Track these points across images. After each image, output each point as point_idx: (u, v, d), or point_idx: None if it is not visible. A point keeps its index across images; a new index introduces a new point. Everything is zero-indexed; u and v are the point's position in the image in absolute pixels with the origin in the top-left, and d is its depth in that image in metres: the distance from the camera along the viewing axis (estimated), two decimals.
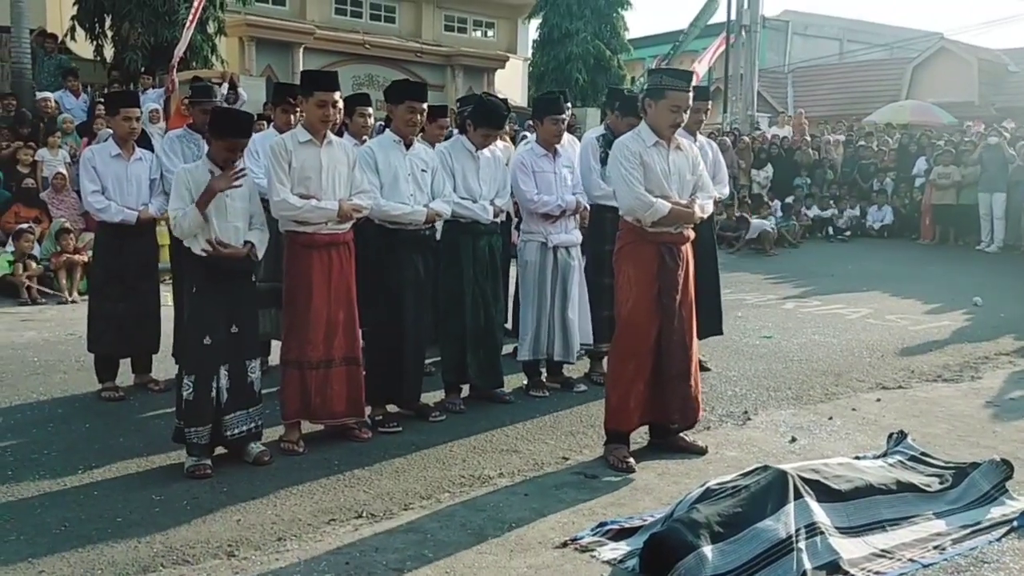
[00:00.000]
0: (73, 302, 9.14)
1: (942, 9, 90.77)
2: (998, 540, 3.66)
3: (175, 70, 12.23)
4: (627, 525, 3.74)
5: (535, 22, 25.21)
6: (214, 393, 4.44)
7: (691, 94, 4.56)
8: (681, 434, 4.80)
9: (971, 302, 9.47)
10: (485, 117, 5.49)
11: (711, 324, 6.45)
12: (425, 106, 5.25)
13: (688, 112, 4.59)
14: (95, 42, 15.75)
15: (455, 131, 6.49)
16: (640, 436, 4.86)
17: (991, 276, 11.56)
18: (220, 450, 4.55)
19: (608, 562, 3.46)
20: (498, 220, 5.66)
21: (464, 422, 5.25)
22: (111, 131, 6.12)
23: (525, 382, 5.95)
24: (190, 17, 12.72)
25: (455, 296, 5.48)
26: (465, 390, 5.65)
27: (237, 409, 4.51)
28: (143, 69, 14.45)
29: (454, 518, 3.88)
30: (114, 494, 4.13)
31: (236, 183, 4.49)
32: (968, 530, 3.72)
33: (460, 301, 5.46)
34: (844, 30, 33.27)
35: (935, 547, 3.57)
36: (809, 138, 17.95)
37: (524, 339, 5.81)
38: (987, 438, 5.06)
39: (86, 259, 9.17)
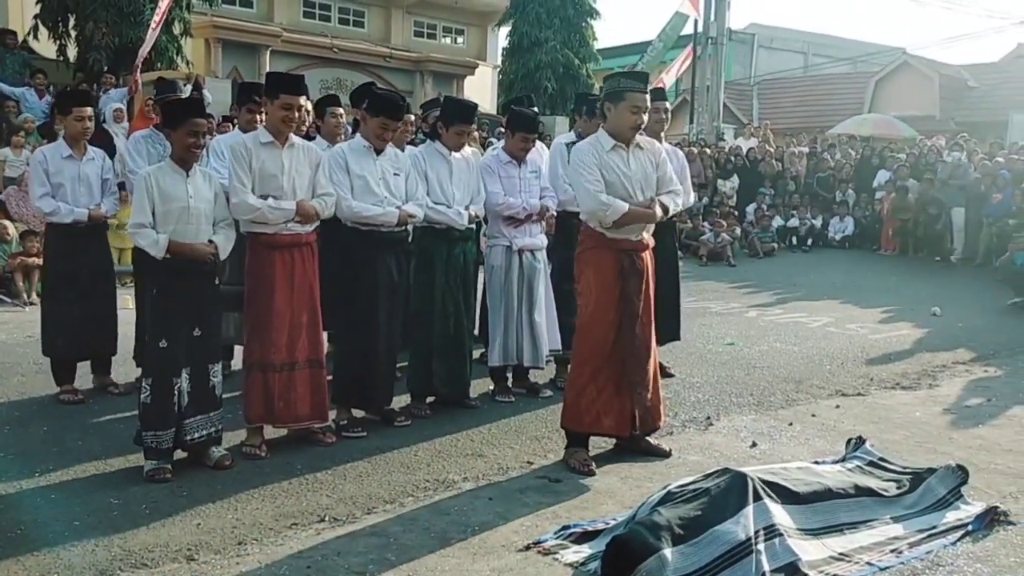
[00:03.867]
0: (31, 304, 8.99)
1: (904, 25, 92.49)
2: (953, 544, 3.72)
3: (139, 71, 12.11)
4: (590, 528, 3.76)
5: (505, 30, 25.30)
6: (176, 397, 4.40)
7: (648, 95, 4.61)
8: (646, 437, 4.83)
9: (929, 312, 9.63)
10: (455, 113, 5.50)
11: (670, 329, 6.51)
12: (400, 124, 5.27)
13: (647, 114, 4.63)
14: (58, 42, 15.55)
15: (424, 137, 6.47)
16: (605, 440, 4.89)
17: (949, 287, 11.77)
18: (180, 454, 4.50)
19: (571, 565, 3.48)
20: (472, 226, 5.65)
21: (429, 427, 5.24)
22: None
23: (492, 387, 5.96)
24: (156, 18, 12.61)
25: (425, 303, 5.46)
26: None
27: (198, 413, 4.46)
28: (107, 69, 14.29)
29: (418, 522, 3.87)
30: (71, 497, 4.06)
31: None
32: (924, 534, 3.78)
33: (430, 308, 5.44)
34: (809, 44, 33.69)
35: (892, 550, 3.62)
36: (773, 149, 18.19)
37: (493, 344, 5.81)
38: (944, 444, 5.15)
39: (42, 261, 9.02)
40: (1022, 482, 4.50)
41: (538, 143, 6.18)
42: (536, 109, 5.99)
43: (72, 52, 15.47)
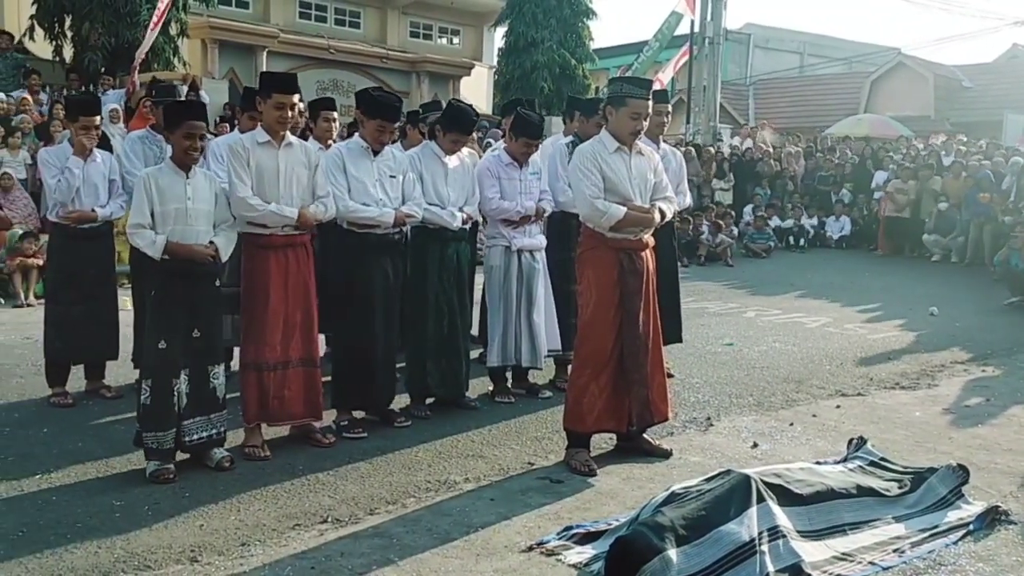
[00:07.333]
0: (29, 305, 8.97)
1: (900, 25, 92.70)
2: (955, 543, 3.73)
3: (137, 72, 12.09)
4: (593, 529, 3.76)
5: (501, 30, 25.25)
6: (175, 398, 4.39)
7: (651, 102, 4.65)
8: (645, 435, 4.84)
9: (927, 312, 9.66)
10: (454, 122, 5.49)
11: (672, 332, 6.51)
12: (397, 126, 5.27)
13: (647, 120, 4.67)
14: (54, 42, 15.49)
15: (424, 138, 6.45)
16: (606, 441, 4.89)
17: (946, 287, 11.80)
18: (181, 455, 4.49)
19: (574, 566, 3.48)
20: (466, 227, 5.65)
21: (429, 427, 5.24)
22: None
23: (491, 388, 5.96)
24: (154, 19, 12.58)
25: (419, 303, 5.46)
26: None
27: (197, 415, 4.45)
28: (103, 70, 14.25)
29: (420, 523, 3.88)
30: (73, 499, 4.06)
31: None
32: (926, 533, 3.80)
33: (423, 309, 5.44)
34: (804, 44, 33.77)
35: (894, 550, 3.63)
36: (771, 149, 18.21)
37: (492, 345, 5.81)
38: (944, 444, 5.16)
39: (41, 262, 9.00)
40: (1022, 481, 4.52)
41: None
42: (541, 114, 5.97)
43: (68, 53, 15.42)
